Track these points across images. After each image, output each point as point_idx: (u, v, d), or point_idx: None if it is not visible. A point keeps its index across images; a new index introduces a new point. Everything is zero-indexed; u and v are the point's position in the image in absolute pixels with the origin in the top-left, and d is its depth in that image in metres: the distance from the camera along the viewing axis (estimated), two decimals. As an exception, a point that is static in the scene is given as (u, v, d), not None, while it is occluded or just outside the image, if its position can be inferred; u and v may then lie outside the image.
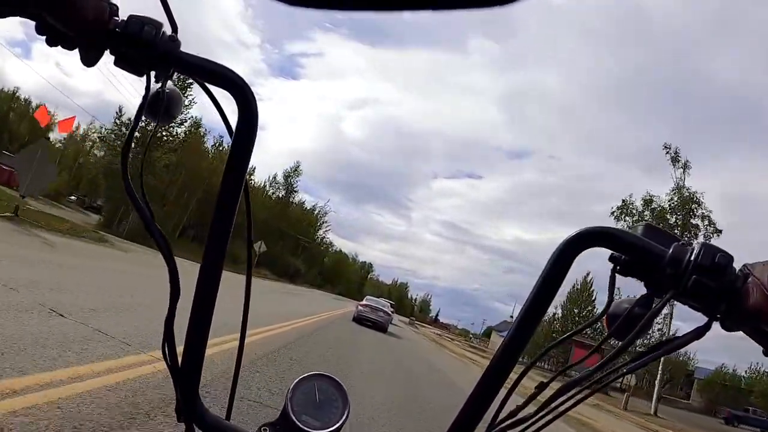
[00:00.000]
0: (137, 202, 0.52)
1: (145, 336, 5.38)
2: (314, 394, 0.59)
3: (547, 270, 0.48)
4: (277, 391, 5.16)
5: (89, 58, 0.52)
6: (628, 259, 0.49)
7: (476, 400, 0.49)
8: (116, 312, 6.29)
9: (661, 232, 0.49)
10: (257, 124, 0.51)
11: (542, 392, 0.50)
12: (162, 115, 0.53)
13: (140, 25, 0.50)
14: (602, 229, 0.48)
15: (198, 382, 0.54)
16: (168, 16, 0.52)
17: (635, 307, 0.48)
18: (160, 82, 0.52)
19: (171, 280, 0.52)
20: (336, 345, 11.61)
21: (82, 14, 0.50)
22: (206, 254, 0.51)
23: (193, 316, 0.52)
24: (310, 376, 0.61)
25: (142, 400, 3.61)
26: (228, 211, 0.51)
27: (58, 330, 4.54)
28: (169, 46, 0.50)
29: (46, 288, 6.20)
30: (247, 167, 0.51)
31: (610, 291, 0.50)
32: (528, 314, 0.48)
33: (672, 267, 0.46)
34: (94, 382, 3.62)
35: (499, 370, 0.48)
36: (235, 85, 0.51)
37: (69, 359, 3.89)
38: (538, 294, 0.48)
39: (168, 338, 0.53)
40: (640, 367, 0.49)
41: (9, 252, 8.52)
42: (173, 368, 0.54)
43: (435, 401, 8.23)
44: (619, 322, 0.49)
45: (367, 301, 24.15)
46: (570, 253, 0.48)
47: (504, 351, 0.49)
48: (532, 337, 0.49)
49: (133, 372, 4.13)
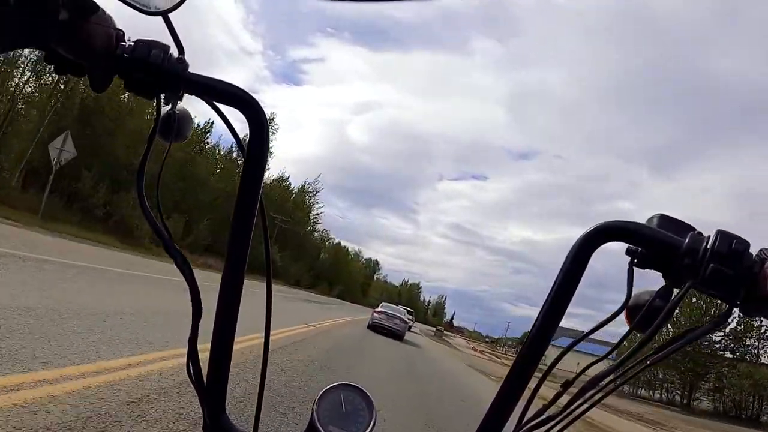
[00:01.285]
0: (155, 223, 0.52)
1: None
2: (341, 405, 0.59)
3: (565, 267, 0.48)
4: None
5: (99, 84, 0.53)
6: (644, 252, 0.49)
7: (501, 402, 0.49)
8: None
9: (676, 222, 0.49)
10: (269, 141, 0.52)
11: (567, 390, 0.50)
12: (174, 136, 0.54)
13: (148, 49, 0.51)
14: (618, 223, 0.48)
15: (224, 398, 0.54)
16: (174, 38, 0.53)
17: (655, 299, 0.49)
18: (170, 103, 0.53)
19: (192, 299, 0.52)
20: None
21: (90, 42, 0.50)
22: (226, 271, 0.51)
23: (216, 332, 0.52)
24: (336, 386, 0.61)
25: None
26: (244, 228, 0.51)
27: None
28: (177, 68, 0.51)
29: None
30: (261, 184, 0.52)
31: (629, 285, 0.50)
32: (549, 312, 0.48)
33: (689, 257, 0.46)
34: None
35: (522, 371, 0.49)
36: (245, 103, 0.51)
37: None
38: (558, 292, 0.48)
39: (192, 356, 0.54)
40: (664, 357, 0.49)
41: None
42: (198, 385, 0.54)
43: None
44: (640, 316, 0.49)
45: (382, 308, 23.26)
46: (587, 248, 0.48)
47: (526, 351, 0.49)
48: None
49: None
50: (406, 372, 11.31)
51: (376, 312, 22.62)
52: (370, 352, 12.70)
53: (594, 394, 0.49)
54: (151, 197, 0.54)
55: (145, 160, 0.53)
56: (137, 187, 0.53)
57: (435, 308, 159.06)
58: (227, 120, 0.55)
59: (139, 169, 0.53)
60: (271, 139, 0.52)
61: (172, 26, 0.53)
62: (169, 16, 0.52)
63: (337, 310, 32.07)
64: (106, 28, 0.51)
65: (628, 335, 0.51)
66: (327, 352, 9.62)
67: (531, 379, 0.50)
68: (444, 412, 7.74)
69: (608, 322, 0.53)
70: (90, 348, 4.44)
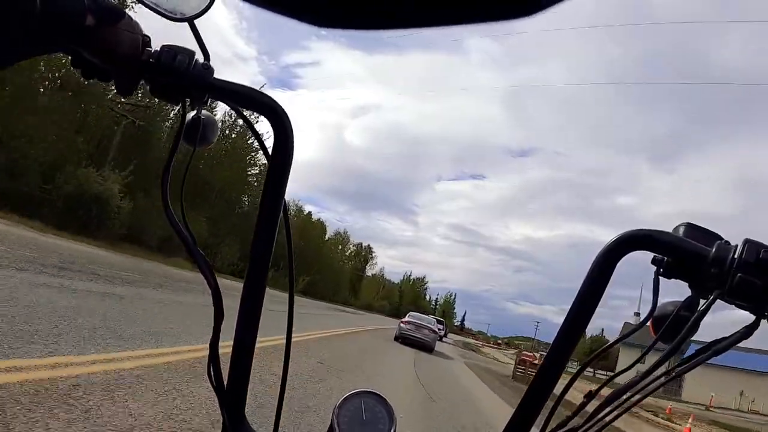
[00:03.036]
0: (178, 227, 0.52)
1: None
2: (360, 412, 0.59)
3: (589, 277, 0.48)
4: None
5: (125, 89, 0.53)
6: (670, 261, 0.49)
7: (524, 411, 0.49)
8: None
9: (703, 231, 0.49)
10: (293, 147, 0.52)
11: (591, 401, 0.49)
12: (199, 141, 0.54)
13: (173, 55, 0.51)
14: (643, 232, 0.48)
15: (244, 402, 0.54)
16: (200, 44, 0.53)
17: (681, 309, 0.48)
18: (195, 108, 0.53)
19: (215, 303, 0.53)
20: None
21: (117, 48, 0.51)
22: (248, 276, 0.52)
23: (237, 337, 0.52)
24: (356, 393, 0.61)
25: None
26: (268, 234, 0.51)
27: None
28: (202, 74, 0.51)
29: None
30: (285, 190, 0.52)
31: (654, 295, 0.49)
32: (573, 322, 0.48)
33: (716, 266, 0.45)
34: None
35: (546, 380, 0.48)
36: (270, 109, 0.51)
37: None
38: (582, 301, 0.48)
39: (213, 360, 0.54)
40: (690, 369, 0.48)
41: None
42: (219, 390, 0.54)
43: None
44: (665, 326, 0.48)
45: (410, 318, 21.79)
46: (612, 258, 0.48)
47: (550, 360, 0.48)
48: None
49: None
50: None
51: (403, 322, 21.47)
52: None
53: (618, 406, 0.49)
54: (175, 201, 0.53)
55: (169, 164, 0.54)
56: (162, 192, 0.53)
57: (443, 307, 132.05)
58: (252, 126, 0.55)
59: (164, 173, 0.53)
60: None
61: (198, 32, 0.53)
62: (194, 22, 0.52)
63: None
64: (133, 33, 0.52)
65: (653, 346, 0.50)
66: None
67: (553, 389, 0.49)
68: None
69: (633, 333, 0.53)
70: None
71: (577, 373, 0.52)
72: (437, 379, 12.03)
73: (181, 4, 0.52)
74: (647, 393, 0.48)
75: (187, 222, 0.53)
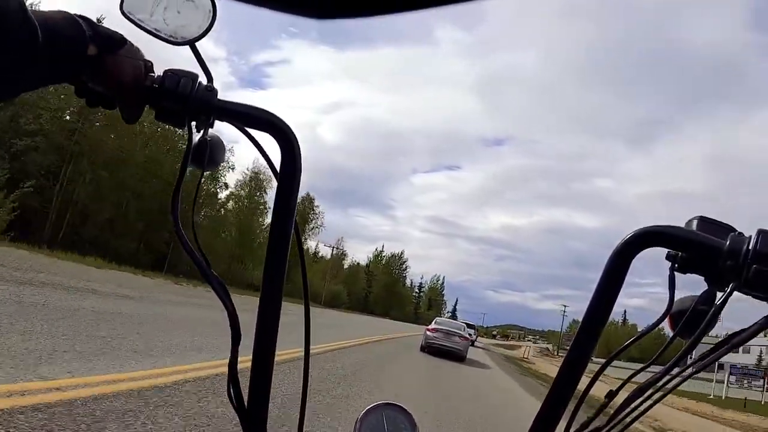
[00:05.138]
0: (191, 249, 0.52)
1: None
2: (383, 425, 0.59)
3: (605, 274, 0.48)
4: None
5: (130, 115, 0.54)
6: (685, 256, 0.48)
7: (549, 410, 0.49)
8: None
9: (716, 224, 0.49)
10: (301, 164, 0.52)
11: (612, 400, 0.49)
12: (207, 163, 0.55)
13: (176, 79, 0.51)
14: (656, 228, 0.48)
15: (265, 421, 0.55)
16: (202, 67, 0.53)
17: (698, 304, 0.48)
18: (201, 131, 0.54)
19: (231, 325, 0.53)
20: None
21: (120, 76, 0.51)
22: (263, 294, 0.52)
23: (255, 356, 0.53)
24: (378, 405, 0.61)
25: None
26: (280, 251, 0.51)
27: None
28: (206, 96, 0.52)
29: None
30: (295, 207, 0.52)
31: (671, 290, 0.49)
32: (591, 320, 0.48)
33: (731, 258, 0.45)
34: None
35: (570, 377, 0.48)
36: (276, 128, 0.52)
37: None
38: (599, 299, 0.48)
39: (233, 380, 0.54)
40: (710, 363, 0.48)
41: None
42: (239, 409, 0.54)
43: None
44: (683, 321, 0.48)
45: (437, 325, 18.66)
46: (626, 255, 0.48)
47: (572, 357, 0.48)
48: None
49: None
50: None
51: (429, 330, 18.33)
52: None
53: (640, 404, 0.48)
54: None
55: (179, 188, 0.54)
56: (172, 215, 0.53)
57: (429, 295, 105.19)
58: (259, 145, 0.55)
59: (173, 197, 0.53)
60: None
61: (200, 55, 0.53)
62: (195, 45, 0.53)
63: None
64: (135, 60, 0.52)
65: (671, 342, 0.50)
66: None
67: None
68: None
69: (651, 330, 0.52)
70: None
71: (598, 372, 0.51)
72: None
73: (182, 28, 0.52)
74: (668, 390, 0.48)
75: (200, 245, 0.53)
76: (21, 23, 0.42)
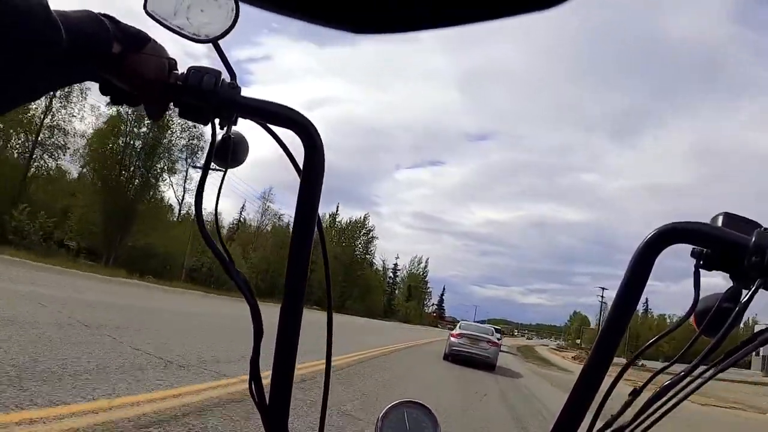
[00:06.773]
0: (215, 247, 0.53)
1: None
2: (404, 423, 0.59)
3: (629, 272, 0.48)
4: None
5: (154, 113, 0.54)
6: (710, 253, 0.48)
7: (573, 408, 0.49)
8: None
9: (741, 220, 0.48)
10: (324, 161, 0.52)
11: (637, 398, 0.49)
12: (230, 161, 0.55)
13: (200, 76, 0.52)
14: (680, 225, 0.48)
15: (286, 418, 0.54)
16: (225, 64, 0.54)
17: (723, 301, 0.48)
18: (224, 128, 0.54)
19: (254, 320, 0.53)
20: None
21: (144, 73, 0.51)
22: (287, 291, 0.52)
23: (277, 353, 0.53)
24: (400, 403, 0.60)
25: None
26: (303, 249, 0.51)
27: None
28: (229, 93, 0.52)
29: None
30: (318, 205, 0.52)
31: (696, 288, 0.49)
32: (616, 317, 0.48)
33: (757, 255, 0.45)
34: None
35: (593, 375, 0.48)
36: (299, 125, 0.52)
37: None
38: (623, 296, 0.48)
39: (254, 377, 0.54)
40: (736, 361, 0.48)
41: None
42: (261, 406, 0.54)
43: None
44: (708, 319, 0.48)
45: (462, 330, 16.57)
46: (650, 253, 0.48)
47: (596, 356, 0.48)
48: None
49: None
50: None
51: (453, 335, 16.29)
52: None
53: (665, 403, 0.48)
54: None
55: (202, 185, 0.54)
56: (196, 213, 0.53)
57: (410, 282, 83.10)
58: (282, 142, 0.56)
59: (197, 195, 0.53)
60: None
61: (223, 52, 0.53)
62: (219, 42, 0.53)
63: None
64: (159, 57, 0.52)
65: (696, 340, 0.50)
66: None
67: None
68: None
69: (676, 329, 0.52)
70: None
71: (622, 370, 0.51)
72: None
73: (205, 26, 0.52)
74: (693, 389, 0.48)
75: (223, 241, 0.53)
76: (44, 23, 0.42)
